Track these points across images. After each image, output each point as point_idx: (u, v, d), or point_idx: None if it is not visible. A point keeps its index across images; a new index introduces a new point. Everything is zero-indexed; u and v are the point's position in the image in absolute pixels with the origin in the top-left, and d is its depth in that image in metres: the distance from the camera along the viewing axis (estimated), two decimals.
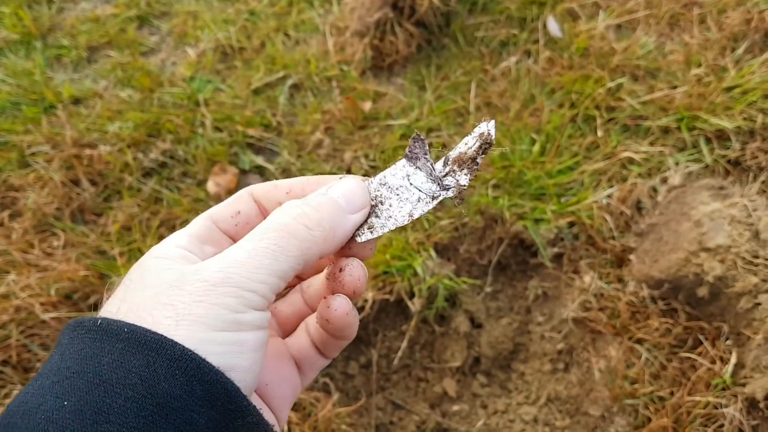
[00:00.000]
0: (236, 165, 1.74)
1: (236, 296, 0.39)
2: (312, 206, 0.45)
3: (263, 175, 1.73)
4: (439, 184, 0.51)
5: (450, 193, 0.51)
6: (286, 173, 1.70)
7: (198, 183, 1.70)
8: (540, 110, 1.73)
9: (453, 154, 0.52)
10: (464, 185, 0.51)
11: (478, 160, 0.51)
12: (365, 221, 0.50)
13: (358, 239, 0.49)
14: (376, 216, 0.50)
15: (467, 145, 0.52)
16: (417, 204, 0.51)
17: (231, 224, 0.50)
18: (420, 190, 0.51)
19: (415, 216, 0.50)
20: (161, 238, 1.58)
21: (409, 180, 0.52)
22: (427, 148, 0.52)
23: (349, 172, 1.66)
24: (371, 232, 0.49)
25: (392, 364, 1.48)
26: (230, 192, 1.68)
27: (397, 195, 0.51)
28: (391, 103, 1.83)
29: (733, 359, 1.27)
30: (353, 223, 0.48)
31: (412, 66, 1.92)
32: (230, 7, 2.16)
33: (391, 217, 0.50)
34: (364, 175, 0.52)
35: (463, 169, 0.51)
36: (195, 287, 0.39)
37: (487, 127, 0.51)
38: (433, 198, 0.51)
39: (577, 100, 1.74)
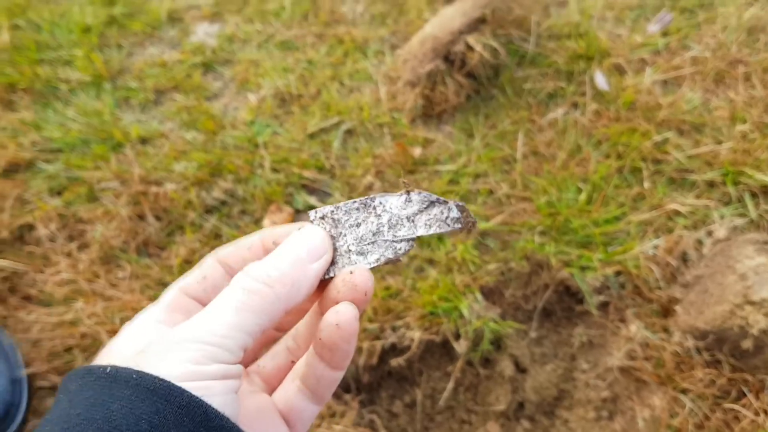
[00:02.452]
0: (291, 204, 1.82)
1: (199, 350, 0.40)
2: (272, 264, 0.46)
3: None
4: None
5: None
6: None
7: (255, 221, 1.79)
8: (587, 160, 1.78)
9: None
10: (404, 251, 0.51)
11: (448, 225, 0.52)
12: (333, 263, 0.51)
13: (326, 276, 0.50)
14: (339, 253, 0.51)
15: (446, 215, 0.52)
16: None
17: (199, 290, 0.51)
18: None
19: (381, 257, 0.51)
20: None
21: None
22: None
23: None
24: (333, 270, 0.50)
25: (437, 405, 1.51)
26: None
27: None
28: (440, 149, 1.90)
29: None
30: (315, 272, 0.48)
31: (461, 115, 2.00)
32: (290, 56, 2.28)
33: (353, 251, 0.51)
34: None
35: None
36: (159, 348, 0.41)
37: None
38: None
39: (623, 152, 1.78)
